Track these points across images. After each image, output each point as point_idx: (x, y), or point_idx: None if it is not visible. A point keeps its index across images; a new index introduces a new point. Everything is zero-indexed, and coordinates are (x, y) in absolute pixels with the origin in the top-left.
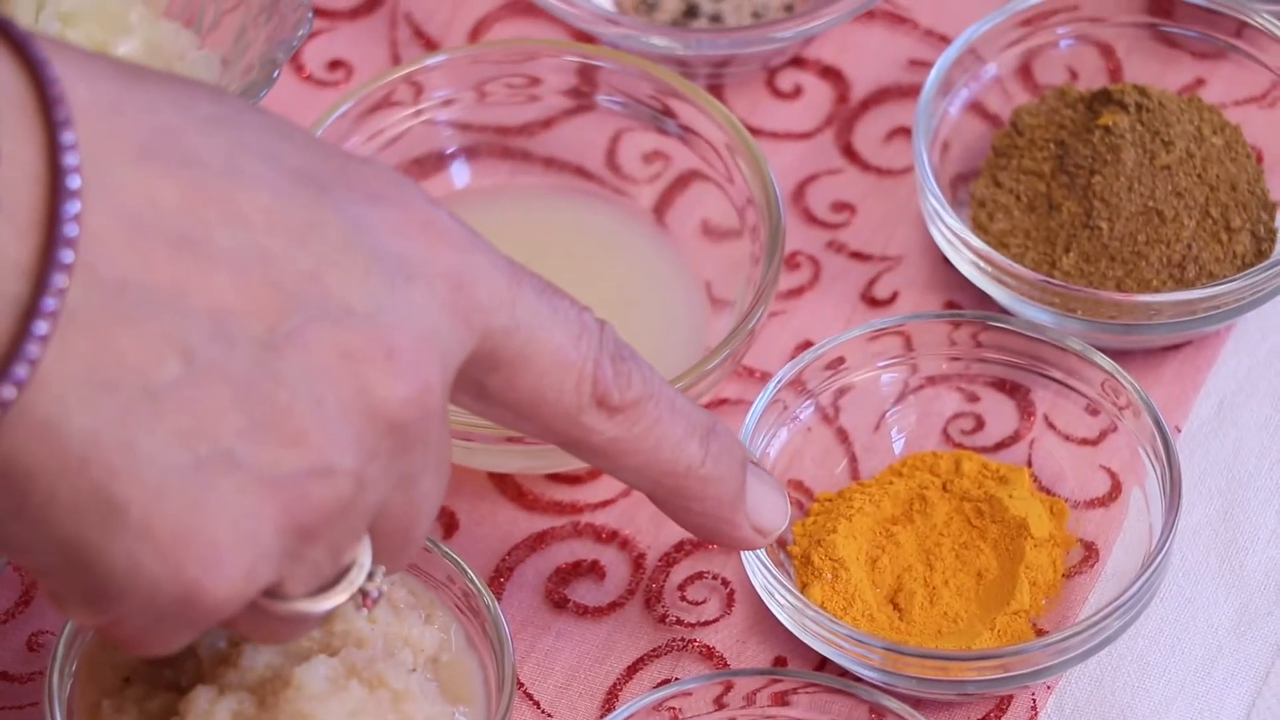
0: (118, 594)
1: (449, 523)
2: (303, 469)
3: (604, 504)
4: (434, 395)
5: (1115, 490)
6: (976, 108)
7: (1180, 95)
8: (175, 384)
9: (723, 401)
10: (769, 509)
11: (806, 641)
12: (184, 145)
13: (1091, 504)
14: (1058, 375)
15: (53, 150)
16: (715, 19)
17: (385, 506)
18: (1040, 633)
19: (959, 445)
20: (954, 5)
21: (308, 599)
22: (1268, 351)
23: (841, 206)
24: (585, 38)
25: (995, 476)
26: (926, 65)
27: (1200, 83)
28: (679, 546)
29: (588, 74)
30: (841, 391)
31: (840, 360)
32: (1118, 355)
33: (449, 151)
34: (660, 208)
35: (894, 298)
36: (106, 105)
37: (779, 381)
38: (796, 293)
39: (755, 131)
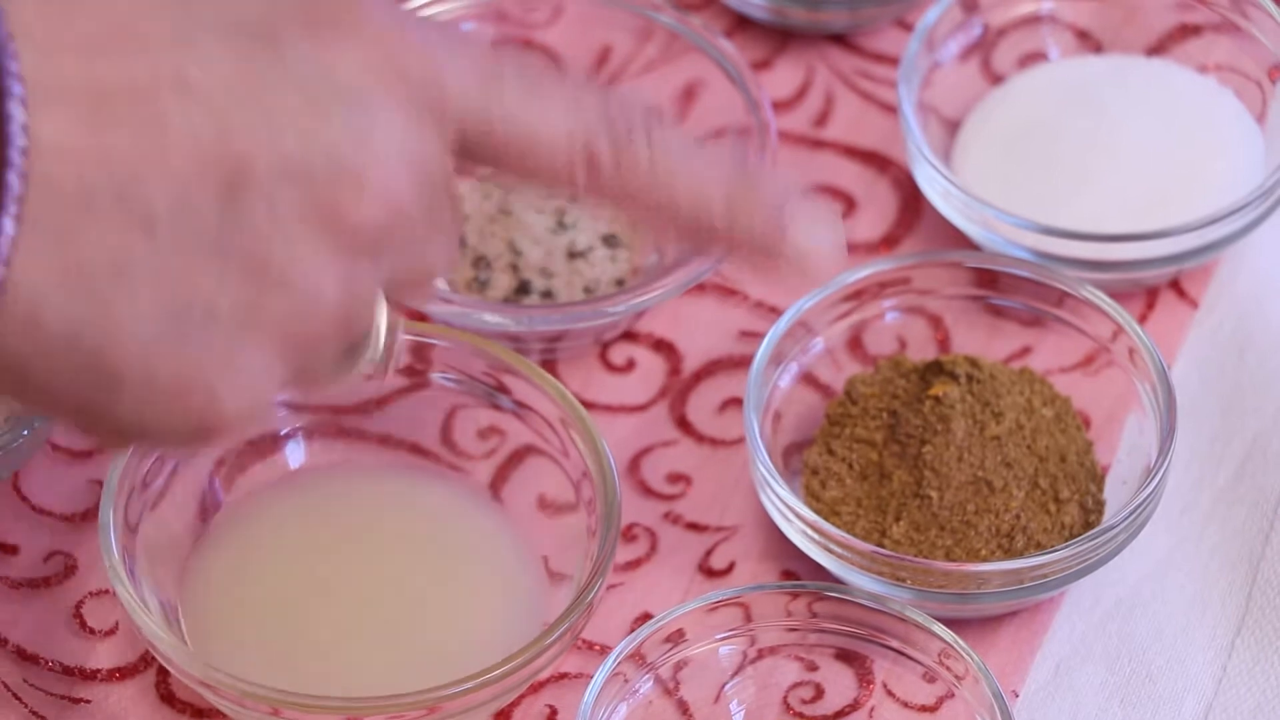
0: (138, 437)
1: None
2: (288, 308)
3: None
4: (409, 204)
5: None
6: (808, 378)
7: (1011, 367)
8: (144, 257)
9: (563, 676)
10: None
11: None
12: (134, 33)
13: None
14: (895, 644)
15: None
16: (547, 295)
17: (391, 276)
18: None
19: (799, 715)
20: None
21: (335, 370)
22: (1101, 615)
23: (677, 478)
24: (419, 316)
25: None
26: (758, 336)
27: (1027, 350)
28: None
29: (422, 351)
30: (681, 664)
31: (680, 633)
32: (954, 621)
33: (284, 432)
34: (496, 483)
35: (731, 568)
36: (56, 10)
37: (618, 655)
38: (634, 565)
39: (589, 405)
